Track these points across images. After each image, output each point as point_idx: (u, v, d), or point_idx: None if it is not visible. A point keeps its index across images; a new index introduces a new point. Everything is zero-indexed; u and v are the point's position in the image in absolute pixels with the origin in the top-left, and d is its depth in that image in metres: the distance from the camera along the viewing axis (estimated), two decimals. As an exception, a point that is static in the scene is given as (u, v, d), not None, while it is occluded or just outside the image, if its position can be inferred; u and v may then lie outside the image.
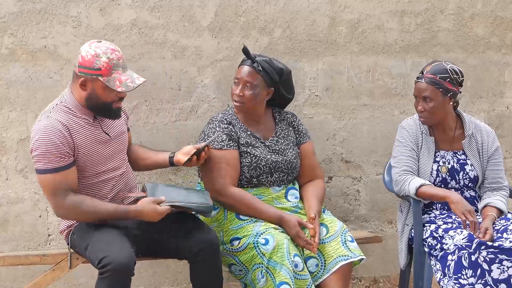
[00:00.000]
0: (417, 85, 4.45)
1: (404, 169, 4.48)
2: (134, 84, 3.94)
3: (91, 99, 3.95)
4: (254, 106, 4.40)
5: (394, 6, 5.18)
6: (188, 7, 4.82)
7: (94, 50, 3.91)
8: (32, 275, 4.58)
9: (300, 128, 4.57)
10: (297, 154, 4.52)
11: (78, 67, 3.93)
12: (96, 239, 3.90)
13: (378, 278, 5.33)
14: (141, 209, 3.94)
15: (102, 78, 3.91)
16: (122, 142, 4.16)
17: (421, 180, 4.42)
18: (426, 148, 4.51)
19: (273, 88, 4.43)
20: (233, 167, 4.33)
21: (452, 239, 4.25)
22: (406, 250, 4.54)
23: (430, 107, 4.41)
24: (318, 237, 4.25)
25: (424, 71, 4.44)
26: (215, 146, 4.31)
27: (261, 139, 4.45)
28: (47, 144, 3.88)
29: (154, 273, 4.85)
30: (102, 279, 3.78)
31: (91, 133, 4.01)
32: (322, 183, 4.57)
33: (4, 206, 4.67)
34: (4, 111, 4.62)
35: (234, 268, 4.28)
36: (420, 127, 4.52)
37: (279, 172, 4.43)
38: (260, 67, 4.36)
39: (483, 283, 4.14)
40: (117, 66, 3.93)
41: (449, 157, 4.52)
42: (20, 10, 4.57)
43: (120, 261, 3.75)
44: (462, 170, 4.51)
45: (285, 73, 4.46)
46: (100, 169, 4.04)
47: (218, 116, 4.45)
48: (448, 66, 4.42)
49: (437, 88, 4.39)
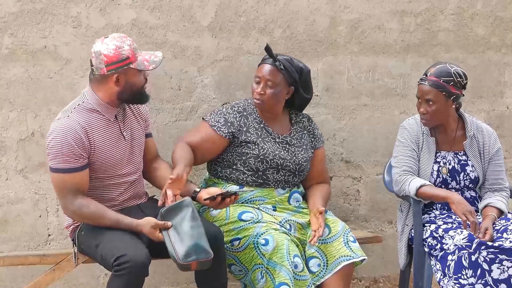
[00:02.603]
0: (420, 87, 4.42)
1: (404, 169, 4.48)
2: (159, 58, 4.02)
3: (125, 91, 3.99)
4: (274, 104, 4.42)
5: (394, 6, 5.18)
6: (188, 7, 4.82)
7: (114, 44, 3.94)
8: (32, 275, 4.58)
9: (315, 132, 4.58)
10: (309, 158, 4.51)
11: (106, 67, 3.93)
12: (109, 237, 3.91)
13: (378, 278, 5.33)
14: (141, 228, 3.94)
15: (133, 65, 3.95)
16: (138, 147, 4.17)
17: (421, 180, 4.42)
18: (427, 148, 4.50)
19: (293, 87, 4.44)
20: (205, 147, 4.36)
21: (452, 239, 4.25)
22: (406, 250, 4.54)
23: (432, 110, 4.39)
24: (322, 231, 4.25)
25: (428, 73, 4.41)
26: (210, 123, 4.38)
27: (273, 135, 4.45)
28: (62, 144, 3.89)
29: (154, 273, 4.85)
30: (118, 277, 3.78)
31: (111, 134, 4.02)
32: (328, 187, 4.61)
33: (4, 206, 4.67)
34: (4, 111, 4.61)
35: (234, 268, 4.28)
36: (421, 127, 4.51)
37: (286, 171, 4.43)
38: (282, 66, 4.37)
39: (483, 283, 4.14)
40: (136, 49, 4.01)
41: (450, 158, 4.52)
42: (20, 10, 4.57)
43: (138, 260, 3.77)
44: (463, 171, 4.50)
45: (305, 72, 4.47)
46: (114, 172, 4.05)
47: (235, 102, 4.50)
48: (452, 69, 4.39)
49: (440, 91, 4.37)
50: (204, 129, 4.42)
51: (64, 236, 4.67)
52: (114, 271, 3.80)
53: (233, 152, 4.41)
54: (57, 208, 4.68)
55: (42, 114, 4.64)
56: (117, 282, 3.80)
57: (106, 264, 3.92)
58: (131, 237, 3.91)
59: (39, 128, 4.64)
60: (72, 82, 4.66)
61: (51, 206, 4.71)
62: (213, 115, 4.43)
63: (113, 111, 4.04)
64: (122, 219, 3.96)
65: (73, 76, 4.67)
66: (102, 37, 4.00)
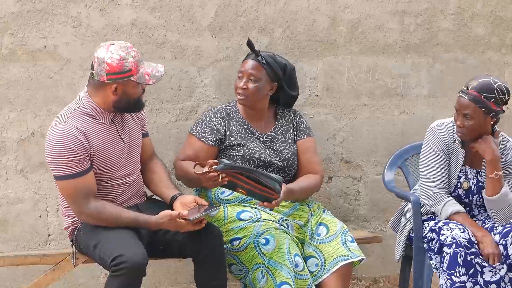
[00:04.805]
0: (459, 99, 4.24)
1: (441, 185, 4.33)
2: (160, 73, 3.99)
3: (122, 101, 3.97)
4: (258, 99, 4.42)
5: (394, 6, 5.18)
6: (188, 7, 4.82)
7: (118, 54, 3.90)
8: (32, 275, 4.58)
9: (298, 125, 4.57)
10: (294, 151, 4.52)
11: (107, 75, 3.90)
12: (107, 237, 3.90)
13: (378, 278, 5.33)
14: (161, 222, 3.94)
15: (134, 77, 3.93)
16: (136, 148, 4.16)
17: (456, 206, 4.31)
18: (455, 160, 4.37)
19: (277, 83, 4.44)
20: (198, 157, 4.36)
21: (450, 231, 4.21)
22: (404, 245, 4.51)
23: (469, 125, 4.23)
24: (277, 203, 4.13)
25: (469, 86, 4.21)
26: (198, 135, 4.41)
27: (257, 135, 4.46)
28: (64, 150, 3.87)
29: (154, 273, 4.85)
30: (115, 277, 3.79)
31: (108, 138, 4.01)
32: (315, 177, 4.50)
33: (4, 206, 4.67)
34: (4, 111, 4.61)
35: (234, 268, 4.28)
36: (453, 135, 4.36)
37: (274, 167, 4.43)
38: (265, 61, 4.39)
39: (474, 281, 4.13)
40: (140, 61, 3.97)
41: (471, 176, 4.40)
42: (20, 10, 4.57)
43: (135, 260, 3.77)
44: (478, 193, 4.39)
45: (289, 69, 4.48)
46: (113, 175, 4.04)
47: (217, 107, 4.50)
48: (495, 85, 4.18)
49: (479, 107, 4.19)
50: (194, 142, 4.44)
51: (64, 236, 4.67)
52: (111, 271, 3.80)
53: (222, 155, 4.42)
54: (57, 208, 4.68)
55: (42, 114, 4.64)
56: (114, 282, 3.80)
57: (104, 264, 3.91)
58: (129, 237, 3.91)
59: (39, 128, 4.64)
60: (72, 82, 4.66)
61: (51, 206, 4.71)
62: (199, 127, 4.44)
63: (109, 116, 4.02)
64: (139, 216, 3.96)
65: (73, 76, 4.67)
66: (108, 43, 3.95)
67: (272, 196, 4.07)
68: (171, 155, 4.74)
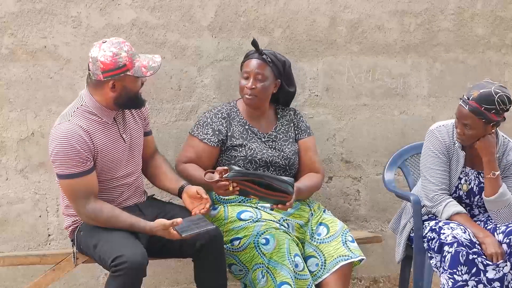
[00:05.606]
0: (460, 108, 4.23)
1: (442, 187, 4.34)
2: (157, 63, 3.98)
3: (121, 97, 3.96)
4: (265, 98, 4.45)
5: (394, 6, 5.18)
6: (188, 7, 4.82)
7: (110, 51, 3.89)
8: (32, 275, 4.58)
9: (299, 125, 4.58)
10: (296, 150, 4.52)
11: (102, 74, 3.90)
12: (107, 237, 3.91)
13: (378, 278, 5.33)
14: (155, 230, 3.94)
15: (130, 72, 3.92)
16: (137, 147, 4.16)
17: (457, 207, 4.32)
18: (456, 162, 4.37)
19: (280, 80, 4.46)
20: (203, 161, 4.38)
21: (451, 230, 4.21)
22: (404, 245, 4.52)
23: (469, 134, 4.23)
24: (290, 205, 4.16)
25: (470, 97, 4.18)
26: (200, 137, 4.40)
27: (258, 134, 4.46)
28: (68, 149, 3.87)
29: (154, 273, 4.85)
30: (115, 277, 3.79)
31: (110, 136, 4.01)
32: (317, 176, 4.54)
33: (4, 206, 4.67)
34: (4, 111, 4.61)
35: (234, 268, 4.28)
36: (453, 138, 4.36)
37: (276, 167, 4.43)
38: (269, 59, 4.40)
39: (477, 280, 4.13)
40: (134, 54, 3.96)
41: (472, 177, 4.40)
42: (20, 10, 4.57)
43: (135, 260, 3.77)
44: (479, 194, 4.39)
45: (287, 65, 4.51)
46: (114, 174, 4.05)
47: (217, 108, 4.50)
48: (496, 97, 4.14)
49: (479, 118, 4.17)
50: (196, 144, 4.43)
51: (64, 236, 4.67)
52: (111, 271, 3.81)
53: (223, 156, 4.43)
54: (57, 208, 4.68)
55: (42, 114, 4.64)
56: (114, 282, 3.80)
57: (104, 264, 3.92)
58: (129, 237, 3.91)
59: (39, 128, 4.64)
60: (72, 82, 4.66)
61: (51, 206, 4.71)
62: (200, 128, 4.44)
63: (111, 114, 4.02)
64: (135, 223, 3.95)
65: (73, 76, 4.67)
66: (100, 41, 3.96)
67: (285, 199, 4.08)
68: (171, 155, 4.74)
